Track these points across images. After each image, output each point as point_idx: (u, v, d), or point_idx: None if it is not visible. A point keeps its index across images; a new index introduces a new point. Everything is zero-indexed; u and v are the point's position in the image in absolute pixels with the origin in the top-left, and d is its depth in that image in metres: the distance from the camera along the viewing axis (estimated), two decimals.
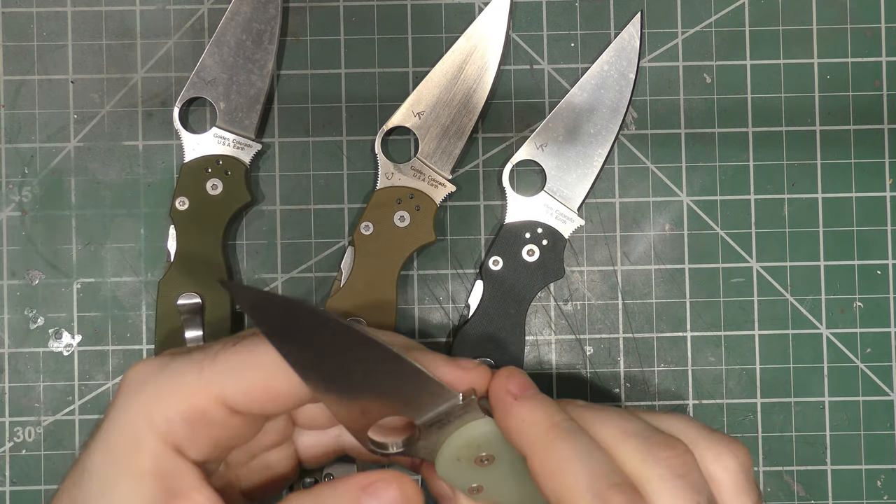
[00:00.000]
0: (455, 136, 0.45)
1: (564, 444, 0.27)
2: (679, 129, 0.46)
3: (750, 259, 0.46)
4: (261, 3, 0.44)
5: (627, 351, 0.45)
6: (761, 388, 0.45)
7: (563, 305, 0.46)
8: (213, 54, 0.44)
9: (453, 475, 0.30)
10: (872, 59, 0.46)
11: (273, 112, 0.46)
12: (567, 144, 0.45)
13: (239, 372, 0.28)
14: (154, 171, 0.45)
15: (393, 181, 0.44)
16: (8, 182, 0.45)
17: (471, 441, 0.29)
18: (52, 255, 0.45)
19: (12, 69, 0.46)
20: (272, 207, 0.46)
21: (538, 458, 0.27)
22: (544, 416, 0.28)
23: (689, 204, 0.46)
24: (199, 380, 0.28)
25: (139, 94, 0.46)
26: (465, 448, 0.29)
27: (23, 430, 0.45)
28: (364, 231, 0.44)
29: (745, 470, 0.29)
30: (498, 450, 0.29)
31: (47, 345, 0.45)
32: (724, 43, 0.46)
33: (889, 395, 0.45)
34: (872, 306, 0.46)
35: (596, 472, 0.27)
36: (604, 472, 0.27)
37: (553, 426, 0.28)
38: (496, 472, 0.30)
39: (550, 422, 0.28)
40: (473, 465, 0.30)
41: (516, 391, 0.29)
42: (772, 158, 0.46)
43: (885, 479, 0.45)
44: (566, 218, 0.45)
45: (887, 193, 0.46)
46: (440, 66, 0.45)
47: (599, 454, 0.27)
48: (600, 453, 0.27)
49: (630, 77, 0.45)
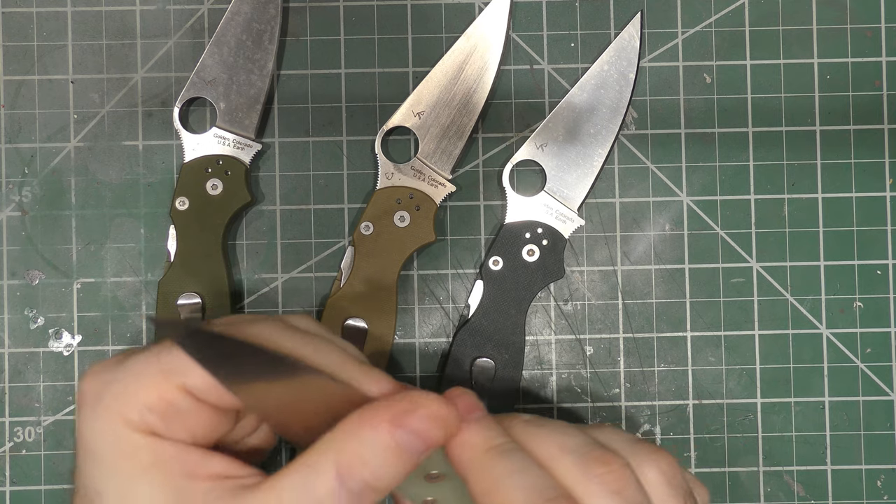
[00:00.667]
0: (455, 136, 0.45)
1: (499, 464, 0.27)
2: (679, 129, 0.46)
3: (750, 259, 0.46)
4: (261, 3, 0.44)
5: (627, 351, 0.45)
6: (761, 388, 0.45)
7: (563, 305, 0.46)
8: (213, 54, 0.44)
9: (406, 490, 0.30)
10: (872, 59, 0.46)
11: (273, 112, 0.46)
12: (567, 144, 0.45)
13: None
14: (154, 171, 0.45)
15: (393, 181, 0.44)
16: (8, 182, 0.45)
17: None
18: (52, 255, 0.45)
19: (12, 69, 0.46)
20: (272, 207, 0.46)
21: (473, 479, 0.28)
22: (482, 439, 0.28)
23: (689, 204, 0.46)
24: (159, 370, 0.27)
25: (139, 94, 0.46)
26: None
27: (23, 430, 0.45)
28: (364, 231, 0.44)
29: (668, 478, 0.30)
30: (446, 469, 0.30)
31: (47, 345, 0.45)
32: (724, 43, 0.46)
33: (889, 395, 0.45)
34: (872, 306, 0.46)
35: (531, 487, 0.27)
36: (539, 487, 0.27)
37: (490, 448, 0.28)
38: (447, 487, 0.30)
39: (487, 444, 0.28)
40: (423, 481, 0.30)
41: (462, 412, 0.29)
42: (772, 158, 0.46)
43: (885, 479, 0.45)
44: (566, 218, 0.45)
45: (887, 193, 0.46)
46: (440, 66, 0.45)
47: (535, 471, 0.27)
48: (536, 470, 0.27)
49: (630, 77, 0.45)
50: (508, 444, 0.28)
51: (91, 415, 0.27)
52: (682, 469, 0.31)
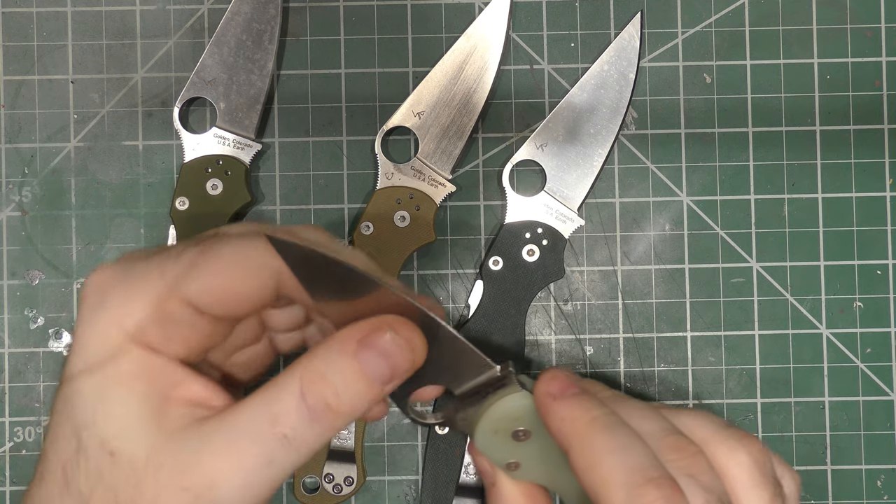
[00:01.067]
0: (455, 136, 0.45)
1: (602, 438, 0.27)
2: (679, 129, 0.46)
3: (750, 259, 0.46)
4: (261, 3, 0.44)
5: (627, 351, 0.45)
6: (761, 388, 0.45)
7: (563, 305, 0.46)
8: (213, 54, 0.44)
9: (491, 449, 0.30)
10: (872, 59, 0.46)
11: (273, 112, 0.46)
12: (567, 144, 0.45)
13: (201, 272, 0.27)
14: (154, 171, 0.45)
15: (393, 181, 0.44)
16: (8, 182, 0.45)
17: (507, 414, 0.30)
18: (52, 255, 0.45)
19: (12, 69, 0.46)
20: (272, 207, 0.46)
21: (576, 453, 0.27)
22: (582, 412, 0.28)
23: (689, 204, 0.46)
24: (162, 281, 0.27)
25: (139, 94, 0.46)
26: (501, 421, 0.30)
27: (23, 430, 0.45)
28: (364, 231, 0.44)
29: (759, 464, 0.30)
30: (534, 425, 0.30)
31: (47, 345, 0.45)
32: (724, 43, 0.46)
33: (889, 395, 0.45)
34: (872, 306, 0.46)
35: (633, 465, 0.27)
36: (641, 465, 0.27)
37: (591, 421, 0.28)
38: (533, 448, 0.30)
39: (588, 417, 0.28)
40: (510, 439, 0.30)
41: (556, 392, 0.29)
42: (772, 158, 0.46)
43: (885, 479, 0.45)
44: (566, 218, 0.45)
45: (887, 193, 0.46)
46: (440, 66, 0.45)
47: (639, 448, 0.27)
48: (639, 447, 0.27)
49: (630, 77, 0.45)
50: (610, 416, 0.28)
51: (90, 315, 0.27)
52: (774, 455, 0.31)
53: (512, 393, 0.29)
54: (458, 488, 0.44)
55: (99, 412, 0.26)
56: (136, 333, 0.27)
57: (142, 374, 0.27)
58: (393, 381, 0.27)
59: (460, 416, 0.30)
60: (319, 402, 0.26)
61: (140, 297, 0.27)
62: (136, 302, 0.27)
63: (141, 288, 0.27)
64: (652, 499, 0.26)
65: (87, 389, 0.27)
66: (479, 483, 0.44)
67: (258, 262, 0.27)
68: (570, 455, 0.28)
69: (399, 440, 0.45)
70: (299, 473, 0.44)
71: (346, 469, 0.44)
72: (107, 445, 0.26)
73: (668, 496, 0.26)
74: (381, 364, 0.27)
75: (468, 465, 0.44)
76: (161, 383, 0.27)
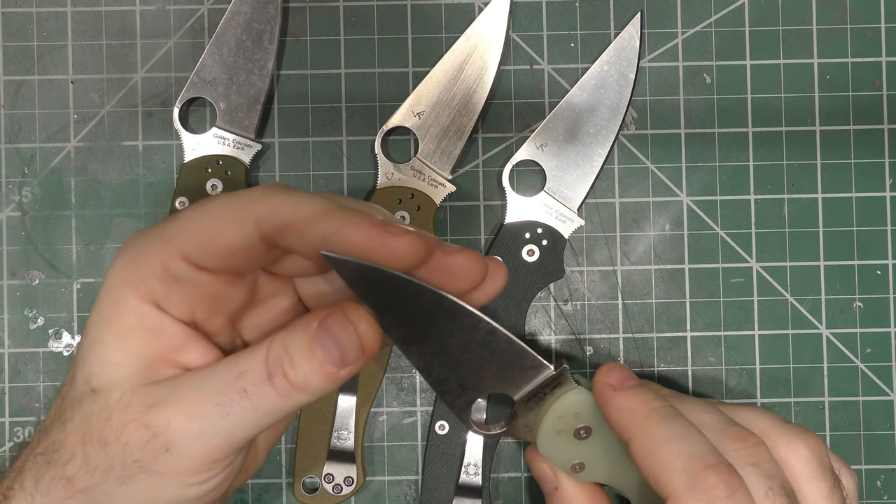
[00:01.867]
0: (455, 136, 0.45)
1: (661, 427, 0.28)
2: (679, 129, 0.46)
3: (750, 259, 0.46)
4: (261, 3, 0.44)
5: (627, 351, 0.45)
6: (761, 388, 0.45)
7: (563, 305, 0.46)
8: (213, 54, 0.44)
9: (555, 451, 0.31)
10: (872, 59, 0.46)
11: (273, 112, 0.46)
12: (567, 144, 0.45)
13: (191, 226, 0.29)
14: (154, 171, 0.46)
15: (393, 181, 0.44)
16: (8, 182, 0.45)
17: (568, 411, 0.30)
18: (52, 255, 0.45)
19: (12, 69, 0.46)
20: None
21: (636, 442, 0.28)
22: (641, 402, 0.29)
23: (689, 204, 0.46)
24: (161, 238, 0.29)
25: (139, 94, 0.46)
26: (562, 419, 0.30)
27: (23, 430, 0.45)
28: None
29: (818, 456, 0.31)
30: (595, 420, 0.30)
31: (47, 345, 0.45)
32: (724, 43, 0.46)
33: (889, 395, 0.45)
34: (872, 306, 0.46)
35: (692, 452, 0.28)
36: (700, 452, 0.28)
37: (650, 412, 0.29)
38: (595, 446, 0.31)
39: (647, 408, 0.29)
40: (573, 439, 0.31)
41: (615, 383, 0.30)
42: (772, 158, 0.46)
43: (885, 479, 0.45)
44: (566, 218, 0.45)
45: (887, 193, 0.46)
46: (440, 66, 0.45)
47: (697, 437, 0.28)
48: (697, 436, 0.28)
49: (630, 77, 0.45)
50: (668, 408, 0.29)
51: (108, 272, 0.30)
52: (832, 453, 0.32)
53: (570, 390, 0.30)
54: (458, 488, 0.44)
55: (91, 352, 0.29)
56: (142, 288, 0.29)
57: (139, 329, 0.29)
58: (345, 366, 0.28)
59: (521, 422, 0.30)
60: (278, 369, 0.28)
61: (144, 253, 0.29)
62: (142, 258, 0.29)
63: (145, 246, 0.29)
64: (712, 483, 0.27)
65: (89, 331, 0.29)
66: (479, 483, 0.44)
67: (238, 209, 0.28)
68: (631, 444, 0.29)
69: (399, 440, 0.45)
70: (299, 474, 0.44)
71: (346, 469, 0.44)
72: (90, 382, 0.29)
73: (728, 481, 0.27)
74: (333, 349, 0.28)
75: (468, 465, 0.44)
76: (157, 342, 0.29)
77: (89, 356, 0.29)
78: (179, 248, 0.28)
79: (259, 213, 0.28)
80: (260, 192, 0.29)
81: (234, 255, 0.28)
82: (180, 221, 0.29)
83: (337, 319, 0.28)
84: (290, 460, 0.45)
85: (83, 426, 0.29)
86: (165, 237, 0.29)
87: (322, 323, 0.28)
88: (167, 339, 0.29)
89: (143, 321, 0.29)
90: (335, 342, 0.28)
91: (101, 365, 0.29)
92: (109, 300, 0.29)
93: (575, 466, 0.31)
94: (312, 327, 0.28)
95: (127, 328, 0.29)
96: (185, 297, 0.29)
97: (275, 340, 0.28)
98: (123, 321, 0.29)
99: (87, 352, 0.29)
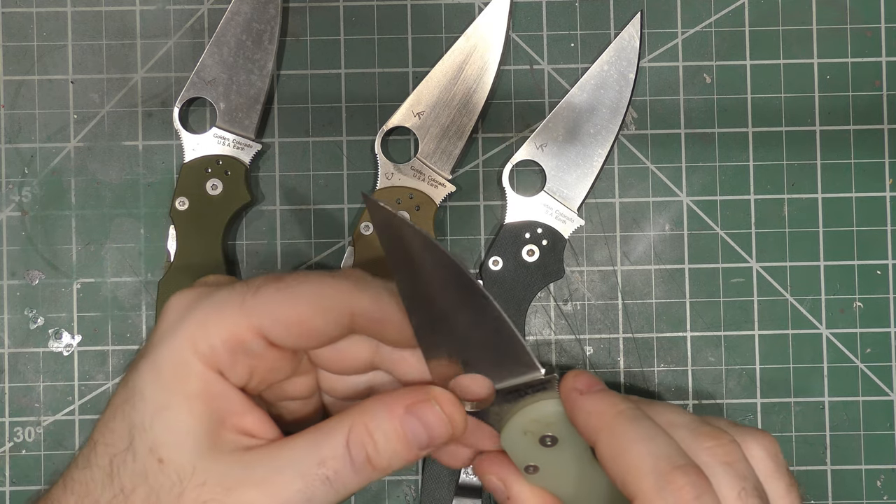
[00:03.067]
0: (455, 136, 0.45)
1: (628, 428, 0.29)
2: (679, 129, 0.46)
3: (750, 259, 0.46)
4: (261, 3, 0.44)
5: (627, 351, 0.45)
6: (761, 388, 0.45)
7: (563, 305, 0.46)
8: (213, 54, 0.44)
9: (516, 448, 0.31)
10: (872, 59, 0.46)
11: (273, 112, 0.46)
12: (567, 144, 0.45)
13: (278, 305, 0.29)
14: (154, 171, 0.45)
15: (393, 181, 0.44)
16: (8, 182, 0.45)
17: (542, 417, 0.30)
18: (52, 255, 0.45)
19: (12, 69, 0.46)
20: (272, 207, 0.46)
21: (603, 443, 0.29)
22: (608, 405, 0.29)
23: (689, 204, 0.46)
24: (240, 310, 0.29)
25: (139, 94, 0.46)
26: (534, 423, 0.30)
27: (23, 430, 0.45)
28: (364, 231, 0.44)
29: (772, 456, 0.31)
30: (564, 434, 0.30)
31: (47, 345, 0.45)
32: (724, 43, 0.46)
33: (889, 395, 0.45)
34: (872, 306, 0.46)
35: (659, 454, 0.28)
36: (667, 454, 0.28)
37: (618, 414, 0.29)
38: (556, 456, 0.31)
39: (615, 410, 0.29)
40: (537, 443, 0.31)
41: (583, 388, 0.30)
42: (772, 158, 0.46)
43: (885, 479, 0.45)
44: (566, 218, 0.45)
45: (887, 193, 0.46)
46: (440, 66, 0.45)
47: (664, 438, 0.28)
48: (664, 437, 0.28)
49: (630, 77, 0.45)
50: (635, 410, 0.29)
51: (168, 331, 0.29)
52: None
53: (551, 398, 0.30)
54: (458, 488, 0.44)
55: (157, 419, 0.28)
56: (209, 355, 0.28)
57: (204, 395, 0.28)
58: (430, 447, 0.30)
59: (493, 409, 0.31)
60: (361, 454, 0.28)
61: (217, 321, 0.29)
62: (213, 326, 0.29)
63: (220, 313, 0.29)
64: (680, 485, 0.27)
65: (150, 396, 0.28)
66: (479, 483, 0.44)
67: (335, 298, 0.29)
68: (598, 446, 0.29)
69: None
70: None
71: None
72: (157, 451, 0.28)
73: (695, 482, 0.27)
74: (422, 433, 0.29)
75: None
76: (220, 407, 0.29)
77: (154, 422, 0.28)
78: (258, 323, 0.29)
79: (356, 308, 0.29)
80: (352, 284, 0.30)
81: (314, 340, 0.29)
82: (265, 297, 0.29)
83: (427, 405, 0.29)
84: None
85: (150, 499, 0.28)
86: (246, 310, 0.29)
87: (411, 408, 0.29)
88: (227, 404, 0.29)
89: (206, 387, 0.28)
90: (424, 427, 0.29)
91: (166, 433, 0.28)
92: (173, 362, 0.28)
93: (529, 468, 0.31)
94: (398, 412, 0.29)
95: (190, 392, 0.28)
96: (247, 369, 0.29)
97: (356, 423, 0.29)
98: (187, 385, 0.28)
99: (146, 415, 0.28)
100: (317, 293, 0.29)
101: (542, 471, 0.31)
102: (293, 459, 0.28)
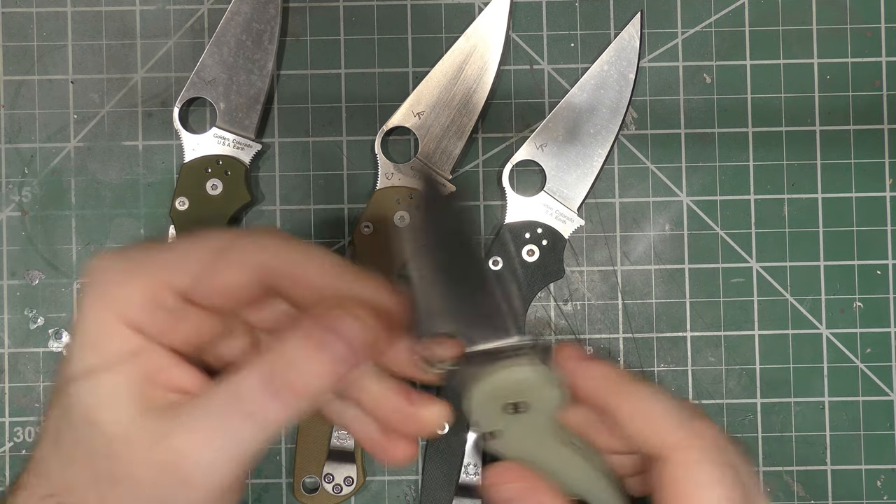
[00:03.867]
0: (455, 136, 0.45)
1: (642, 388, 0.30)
2: (679, 129, 0.46)
3: (750, 259, 0.46)
4: (261, 3, 0.44)
5: (627, 351, 0.45)
6: (761, 388, 0.45)
7: (563, 305, 0.46)
8: (213, 54, 0.44)
9: (480, 411, 0.31)
10: (872, 59, 0.46)
11: (273, 112, 0.46)
12: (567, 144, 0.45)
13: (186, 258, 0.29)
14: (154, 171, 0.46)
15: (393, 181, 0.44)
16: (8, 182, 0.45)
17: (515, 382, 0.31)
18: (52, 255, 0.45)
19: (12, 69, 0.46)
20: (272, 207, 0.46)
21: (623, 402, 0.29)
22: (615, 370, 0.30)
23: (689, 204, 0.46)
24: (151, 265, 0.29)
25: (139, 94, 0.46)
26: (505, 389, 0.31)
27: (23, 430, 0.45)
28: (364, 231, 0.44)
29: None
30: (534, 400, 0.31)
31: (47, 345, 0.45)
32: (724, 43, 0.46)
33: (889, 395, 0.45)
34: (872, 306, 0.46)
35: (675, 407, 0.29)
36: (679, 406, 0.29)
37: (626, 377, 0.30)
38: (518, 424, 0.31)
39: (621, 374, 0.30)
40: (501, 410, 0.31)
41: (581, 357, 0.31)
42: (772, 158, 0.46)
43: (885, 479, 0.45)
44: (566, 218, 0.45)
45: (887, 193, 0.46)
46: (440, 66, 0.45)
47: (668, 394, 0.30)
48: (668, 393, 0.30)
49: (630, 77, 0.45)
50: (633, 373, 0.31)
51: (89, 299, 0.29)
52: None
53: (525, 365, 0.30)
54: (458, 488, 0.44)
55: (85, 385, 0.28)
56: (127, 314, 0.28)
57: (127, 354, 0.28)
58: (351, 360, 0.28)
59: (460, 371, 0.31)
60: (276, 380, 0.28)
61: (131, 279, 0.28)
62: (128, 284, 0.28)
63: (132, 271, 0.29)
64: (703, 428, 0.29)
65: (76, 360, 0.28)
66: (479, 483, 0.44)
67: (246, 255, 0.29)
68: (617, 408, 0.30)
69: None
70: (299, 474, 0.44)
71: (346, 469, 0.44)
72: (88, 415, 0.28)
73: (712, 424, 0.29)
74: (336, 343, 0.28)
75: (468, 465, 0.44)
76: (146, 365, 0.28)
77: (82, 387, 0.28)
78: (168, 279, 0.28)
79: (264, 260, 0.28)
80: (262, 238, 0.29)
81: (231, 297, 0.29)
82: (173, 252, 0.29)
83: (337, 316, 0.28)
84: (290, 460, 0.45)
85: (89, 463, 0.28)
86: (156, 265, 0.29)
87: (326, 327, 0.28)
88: (153, 362, 0.29)
89: (128, 345, 0.28)
90: (336, 335, 0.28)
91: (95, 397, 0.28)
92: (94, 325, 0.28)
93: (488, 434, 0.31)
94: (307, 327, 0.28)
95: (115, 354, 0.28)
96: (171, 327, 0.29)
97: (268, 353, 0.28)
98: (110, 346, 0.28)
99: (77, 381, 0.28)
100: (223, 247, 0.29)
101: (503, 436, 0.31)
102: (215, 402, 0.28)
